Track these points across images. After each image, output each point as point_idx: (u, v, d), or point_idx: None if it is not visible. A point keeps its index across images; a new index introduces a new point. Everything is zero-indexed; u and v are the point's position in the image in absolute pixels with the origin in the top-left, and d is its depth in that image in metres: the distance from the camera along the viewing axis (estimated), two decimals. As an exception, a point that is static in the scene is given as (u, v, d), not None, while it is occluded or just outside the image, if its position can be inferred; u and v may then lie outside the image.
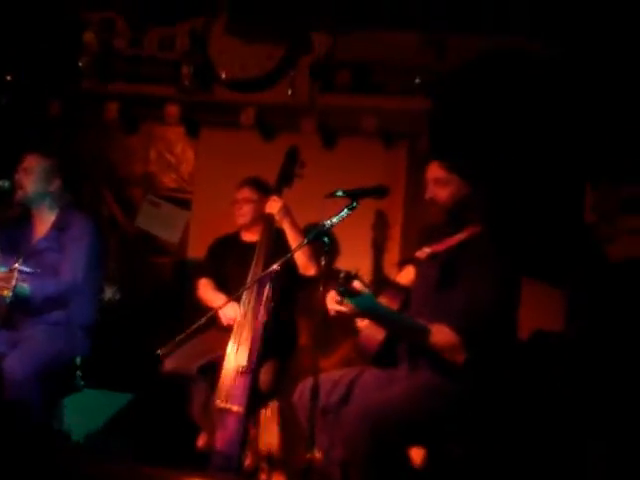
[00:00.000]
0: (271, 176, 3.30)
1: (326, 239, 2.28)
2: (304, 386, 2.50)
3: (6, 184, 3.06)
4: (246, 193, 3.32)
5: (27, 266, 2.82)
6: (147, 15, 3.85)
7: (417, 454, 2.60)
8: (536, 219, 3.26)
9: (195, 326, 2.37)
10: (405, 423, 2.30)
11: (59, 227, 3.15)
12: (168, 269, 3.87)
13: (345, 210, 2.35)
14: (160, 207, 3.90)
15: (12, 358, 2.82)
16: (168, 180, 3.93)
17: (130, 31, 3.87)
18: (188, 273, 3.78)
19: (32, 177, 3.12)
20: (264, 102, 3.71)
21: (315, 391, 2.26)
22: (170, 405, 3.13)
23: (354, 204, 2.36)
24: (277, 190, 3.20)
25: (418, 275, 2.61)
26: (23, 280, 2.76)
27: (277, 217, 3.13)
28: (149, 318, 3.72)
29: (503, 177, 3.12)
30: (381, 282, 3.24)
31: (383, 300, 2.59)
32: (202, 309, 3.22)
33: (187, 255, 3.86)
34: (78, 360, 2.91)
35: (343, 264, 3.54)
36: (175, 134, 3.91)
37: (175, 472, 1.78)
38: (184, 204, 3.88)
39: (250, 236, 3.33)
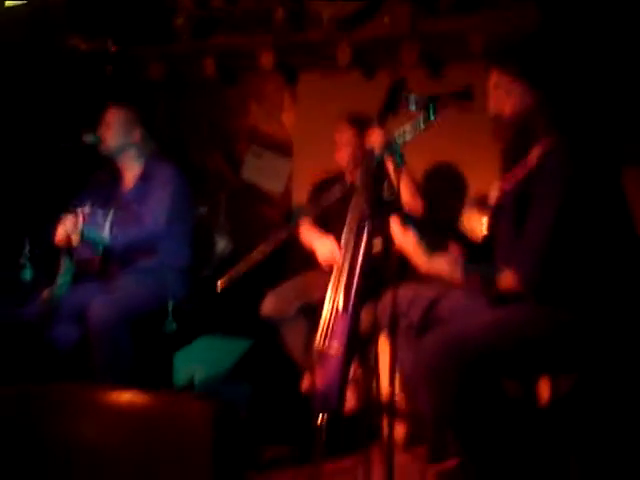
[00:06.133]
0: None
1: (396, 154, 2.10)
2: (383, 306, 2.29)
3: (93, 138, 3.12)
4: (345, 134, 3.16)
5: (116, 218, 2.86)
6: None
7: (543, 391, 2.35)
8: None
9: (254, 255, 2.41)
10: (493, 353, 2.02)
11: (144, 178, 3.19)
12: (275, 219, 3.84)
13: (420, 121, 2.17)
14: (263, 157, 3.87)
15: (96, 303, 2.87)
16: (270, 130, 3.88)
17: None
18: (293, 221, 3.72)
19: (113, 130, 3.16)
20: (361, 37, 3.52)
21: (394, 319, 2.08)
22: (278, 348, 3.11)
23: (431, 115, 2.18)
24: (380, 122, 3.01)
25: (497, 219, 2.24)
26: (97, 226, 2.80)
27: (379, 150, 2.94)
28: (261, 267, 3.71)
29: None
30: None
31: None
32: (307, 254, 3.16)
33: (292, 204, 3.80)
34: (170, 305, 2.91)
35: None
36: (273, 83, 3.84)
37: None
38: (287, 153, 3.82)
39: (354, 177, 3.18)
